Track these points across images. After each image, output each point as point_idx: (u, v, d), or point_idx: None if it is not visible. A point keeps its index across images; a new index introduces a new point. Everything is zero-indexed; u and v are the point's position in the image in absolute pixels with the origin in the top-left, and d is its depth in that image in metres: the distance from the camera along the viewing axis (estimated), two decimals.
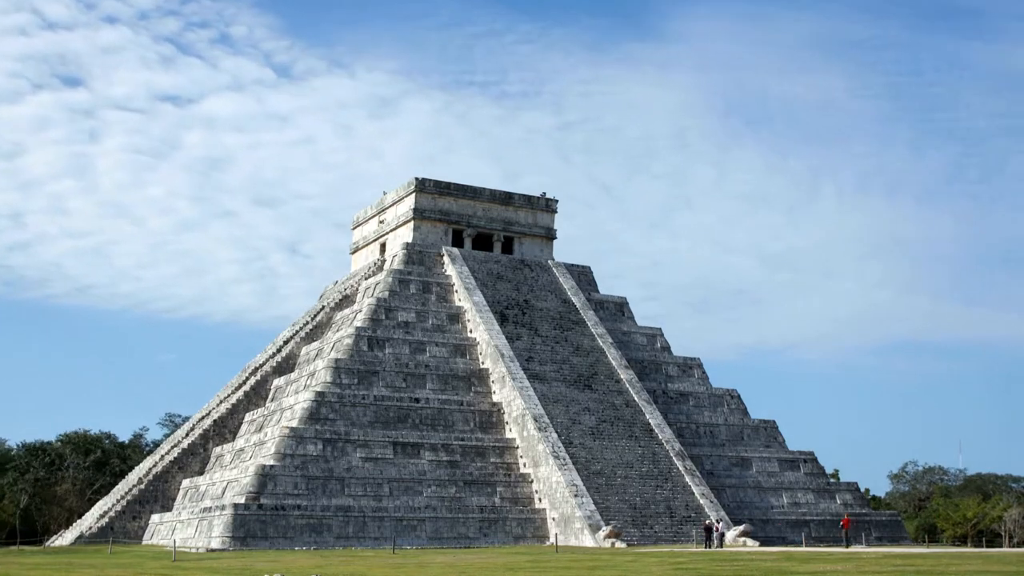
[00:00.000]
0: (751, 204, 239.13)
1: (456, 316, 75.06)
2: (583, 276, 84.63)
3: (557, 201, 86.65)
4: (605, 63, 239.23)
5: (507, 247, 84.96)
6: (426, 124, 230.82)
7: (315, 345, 76.54)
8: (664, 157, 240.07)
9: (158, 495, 70.78)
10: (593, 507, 58.91)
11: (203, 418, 77.32)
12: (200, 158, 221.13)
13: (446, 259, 79.94)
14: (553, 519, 60.58)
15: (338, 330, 75.90)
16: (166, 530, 63.85)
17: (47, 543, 73.04)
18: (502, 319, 74.48)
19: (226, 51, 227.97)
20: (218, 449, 71.38)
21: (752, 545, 55.96)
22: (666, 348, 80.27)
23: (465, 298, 75.75)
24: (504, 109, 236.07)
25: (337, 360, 67.14)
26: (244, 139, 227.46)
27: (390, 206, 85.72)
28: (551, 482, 61.45)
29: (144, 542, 66.08)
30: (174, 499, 70.12)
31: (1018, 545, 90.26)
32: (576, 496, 59.31)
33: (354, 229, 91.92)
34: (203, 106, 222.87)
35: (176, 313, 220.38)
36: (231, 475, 62.53)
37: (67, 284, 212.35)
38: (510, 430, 66.50)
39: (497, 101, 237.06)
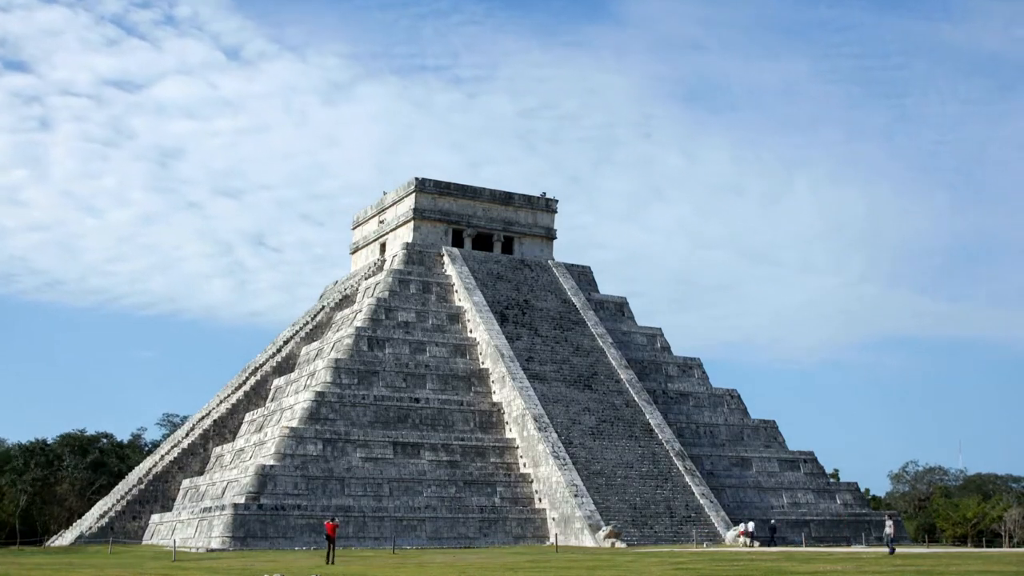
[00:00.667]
0: (724, 195, 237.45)
1: (456, 316, 75.05)
2: (583, 276, 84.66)
3: (557, 201, 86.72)
4: (558, 46, 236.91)
5: (507, 247, 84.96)
6: (383, 110, 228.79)
7: (315, 345, 76.54)
8: (630, 146, 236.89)
9: (158, 495, 70.77)
10: (593, 507, 58.89)
11: (203, 418, 77.33)
12: (153, 146, 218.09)
13: (446, 259, 79.95)
14: (553, 519, 60.56)
15: (338, 330, 75.91)
16: (166, 530, 63.84)
17: (47, 543, 73.01)
18: (502, 319, 74.48)
19: (172, 32, 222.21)
20: (218, 449, 71.37)
21: (752, 545, 55.95)
22: (666, 348, 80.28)
23: (465, 298, 75.75)
24: (460, 94, 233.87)
25: (337, 360, 67.13)
26: (197, 126, 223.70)
27: (390, 206, 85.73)
28: (551, 482, 61.44)
29: (144, 542, 66.05)
30: (174, 499, 70.11)
31: (1018, 545, 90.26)
32: (576, 496, 59.30)
33: (354, 229, 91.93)
34: (152, 91, 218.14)
35: (149, 309, 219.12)
36: (231, 475, 62.52)
37: (36, 279, 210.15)
38: (510, 430, 66.48)
39: (453, 86, 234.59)
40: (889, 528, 47.75)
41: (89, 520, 70.07)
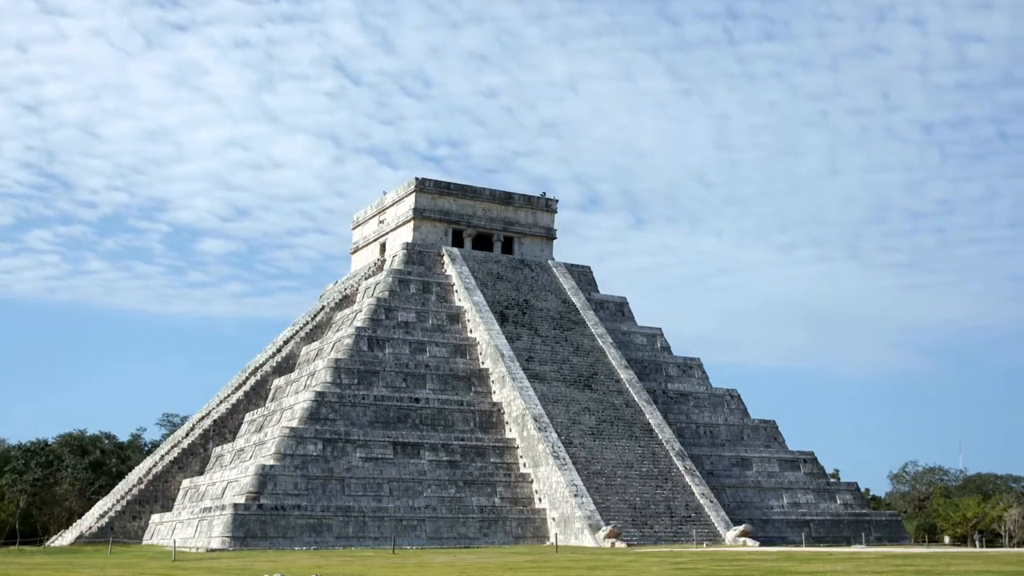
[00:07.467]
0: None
1: (456, 316, 75.05)
2: (583, 276, 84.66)
3: (557, 201, 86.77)
4: None
5: (507, 247, 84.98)
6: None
7: (315, 345, 76.54)
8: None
9: (158, 495, 70.78)
10: (593, 507, 58.89)
11: (203, 418, 77.33)
12: None
13: (446, 259, 79.95)
14: (553, 519, 60.56)
15: (338, 330, 75.91)
16: (166, 530, 63.86)
17: (47, 543, 73.03)
18: (502, 319, 74.48)
19: None
20: (218, 449, 71.36)
21: (752, 545, 55.97)
22: (666, 348, 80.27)
23: (465, 298, 75.76)
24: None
25: (337, 360, 67.13)
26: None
27: (390, 206, 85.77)
28: (551, 482, 61.44)
29: (144, 542, 66.08)
30: (174, 499, 70.11)
31: (1018, 545, 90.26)
32: (576, 496, 59.30)
33: (354, 229, 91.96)
34: None
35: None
36: (231, 475, 62.52)
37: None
38: (510, 430, 66.48)
39: None
40: None
41: (89, 520, 70.08)
